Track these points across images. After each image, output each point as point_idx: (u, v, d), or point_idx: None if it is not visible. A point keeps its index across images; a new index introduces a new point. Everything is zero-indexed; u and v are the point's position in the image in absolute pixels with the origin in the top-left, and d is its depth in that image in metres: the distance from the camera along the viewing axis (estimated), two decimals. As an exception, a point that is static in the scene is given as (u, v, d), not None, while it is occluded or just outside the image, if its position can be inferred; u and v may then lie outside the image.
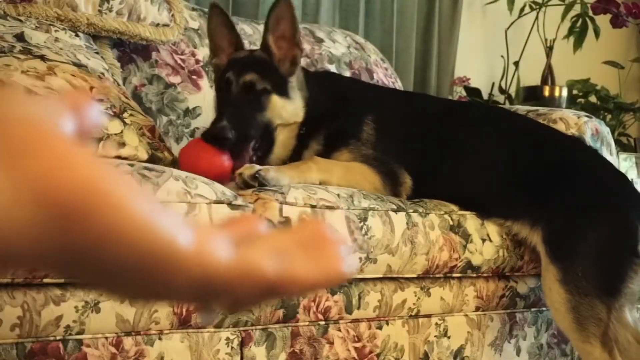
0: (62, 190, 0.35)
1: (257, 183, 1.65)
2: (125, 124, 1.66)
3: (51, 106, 0.38)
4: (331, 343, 1.69)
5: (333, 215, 1.65)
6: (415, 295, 1.82)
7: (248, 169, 1.67)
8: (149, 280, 0.40)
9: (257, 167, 1.67)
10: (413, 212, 1.79)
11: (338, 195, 1.70)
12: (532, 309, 2.04)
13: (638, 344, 1.92)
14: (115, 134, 1.63)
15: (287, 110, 1.84)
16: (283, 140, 1.85)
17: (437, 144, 1.98)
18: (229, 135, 1.70)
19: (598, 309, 1.78)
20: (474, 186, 1.94)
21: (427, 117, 2.05)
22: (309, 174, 1.75)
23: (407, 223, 1.76)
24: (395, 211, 1.76)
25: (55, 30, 1.84)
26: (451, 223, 1.85)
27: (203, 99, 2.21)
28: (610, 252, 1.84)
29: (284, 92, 1.84)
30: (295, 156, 1.88)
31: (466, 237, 1.86)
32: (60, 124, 0.38)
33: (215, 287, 0.43)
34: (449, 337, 1.88)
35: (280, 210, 1.59)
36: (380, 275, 1.74)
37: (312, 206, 1.63)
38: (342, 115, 1.93)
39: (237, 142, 1.72)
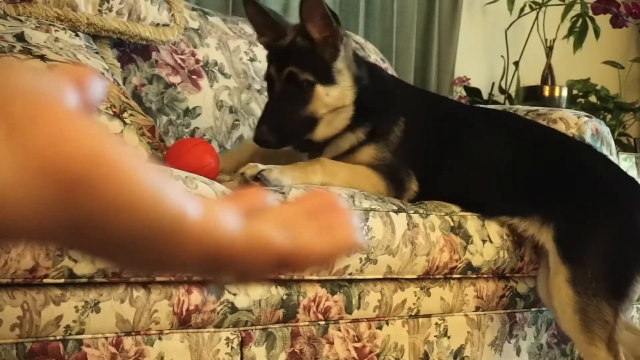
0: (67, 161, 0.35)
1: (259, 183, 1.64)
2: (125, 123, 1.66)
3: (54, 80, 0.38)
4: (331, 343, 1.69)
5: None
6: (415, 295, 1.82)
7: (250, 169, 1.66)
8: (156, 251, 0.40)
9: (260, 166, 1.66)
10: (414, 213, 1.79)
11: (339, 195, 1.69)
12: (532, 309, 2.04)
13: (635, 336, 1.92)
14: (115, 134, 1.63)
15: (333, 96, 1.81)
16: (327, 123, 1.82)
17: (449, 142, 1.97)
18: (269, 139, 1.73)
19: (605, 311, 1.78)
20: (482, 184, 1.93)
21: (444, 119, 2.03)
22: (313, 177, 1.74)
23: (407, 224, 1.76)
24: (396, 212, 1.76)
25: (55, 30, 1.84)
26: (452, 224, 1.85)
27: (203, 99, 2.21)
28: (620, 255, 1.85)
29: (328, 79, 1.81)
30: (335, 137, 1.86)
31: (467, 238, 1.86)
32: (64, 97, 0.38)
33: (224, 259, 0.42)
34: (449, 337, 1.88)
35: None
36: (380, 276, 1.74)
37: (312, 206, 1.63)
38: (383, 110, 1.91)
39: (279, 141, 1.76)
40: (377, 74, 1.99)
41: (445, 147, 1.96)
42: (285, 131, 1.76)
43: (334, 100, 1.81)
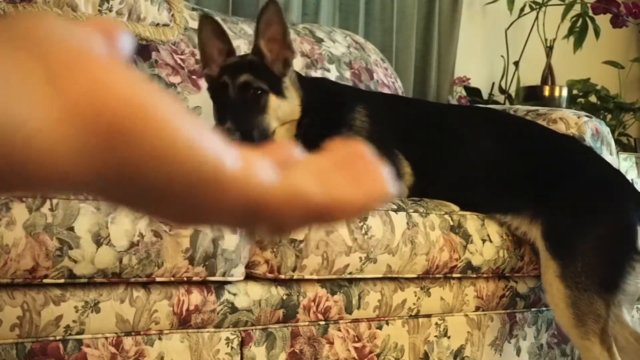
0: (105, 109, 0.35)
1: None
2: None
3: (85, 31, 0.38)
4: (331, 343, 1.69)
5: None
6: (415, 295, 1.82)
7: None
8: (194, 201, 0.40)
9: None
10: (413, 212, 1.79)
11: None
12: (532, 309, 2.04)
13: (637, 343, 1.93)
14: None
15: (284, 109, 1.85)
16: (281, 136, 1.86)
17: (438, 139, 2.00)
18: (236, 137, 1.72)
19: (597, 304, 1.79)
20: (474, 181, 1.96)
21: (427, 114, 2.08)
22: None
23: (407, 223, 1.76)
24: (396, 211, 1.76)
25: (55, 30, 1.84)
26: (451, 223, 1.85)
27: (203, 99, 2.21)
28: (610, 248, 1.86)
29: (279, 92, 1.85)
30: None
31: (466, 237, 1.86)
32: (98, 47, 0.38)
33: (261, 210, 0.42)
34: (449, 337, 1.88)
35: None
36: (380, 275, 1.74)
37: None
38: (333, 108, 1.94)
39: (241, 144, 1.73)
40: (321, 84, 2.07)
41: (432, 144, 1.99)
42: (248, 133, 1.77)
43: (284, 114, 1.85)
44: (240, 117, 1.77)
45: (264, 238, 1.53)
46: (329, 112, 1.93)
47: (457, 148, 2.00)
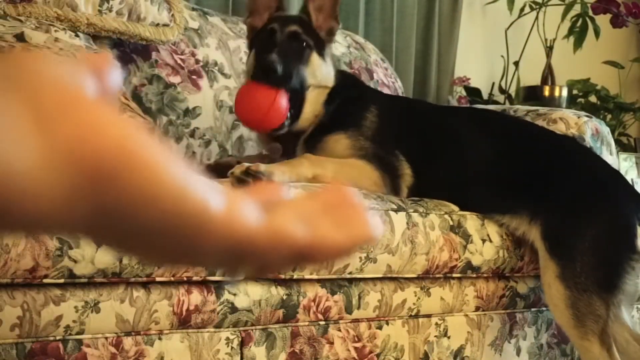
0: (95, 153, 0.35)
1: (251, 178, 1.64)
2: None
3: (75, 69, 0.38)
4: (331, 343, 1.69)
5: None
6: (415, 295, 1.82)
7: (239, 167, 1.67)
8: (180, 243, 0.40)
9: (246, 164, 1.67)
10: (413, 212, 1.79)
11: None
12: (532, 309, 2.04)
13: (636, 343, 1.93)
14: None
15: (322, 71, 1.90)
16: (311, 101, 1.89)
17: (438, 140, 2.01)
18: (279, 68, 1.75)
19: (597, 305, 1.79)
20: (474, 182, 1.96)
21: (429, 115, 2.08)
22: (300, 169, 1.75)
23: (407, 223, 1.76)
24: (396, 211, 1.76)
25: (55, 31, 1.84)
26: (451, 223, 1.85)
27: (203, 99, 2.21)
28: (609, 248, 1.86)
29: (322, 54, 1.90)
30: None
31: (466, 237, 1.86)
32: (88, 86, 0.38)
33: (245, 251, 0.42)
34: (449, 337, 1.88)
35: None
36: (380, 275, 1.74)
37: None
38: (351, 101, 1.97)
39: (282, 80, 1.77)
40: (349, 76, 2.13)
41: (432, 145, 1.99)
42: (290, 73, 1.80)
43: (322, 75, 1.90)
44: (285, 58, 1.80)
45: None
46: (347, 103, 1.95)
47: (457, 149, 2.00)
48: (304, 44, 1.86)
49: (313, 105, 1.89)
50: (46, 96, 0.35)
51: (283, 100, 1.77)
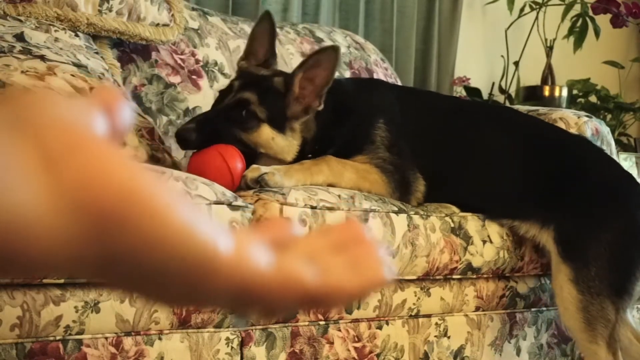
0: (102, 196, 0.35)
1: (259, 185, 1.63)
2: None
3: (83, 107, 0.38)
4: (331, 343, 1.69)
5: (333, 217, 1.65)
6: (415, 295, 1.82)
7: (252, 171, 1.64)
8: (187, 285, 0.40)
9: (263, 169, 1.64)
10: (414, 214, 1.79)
11: (339, 196, 1.69)
12: (532, 309, 2.04)
13: (638, 343, 1.93)
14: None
15: (277, 144, 1.74)
16: (270, 158, 1.75)
17: (449, 146, 1.95)
18: (191, 137, 1.66)
19: (608, 309, 1.79)
20: (483, 187, 1.92)
21: (440, 118, 2.00)
22: (318, 177, 1.71)
23: (408, 225, 1.76)
24: (397, 213, 1.76)
25: (55, 30, 1.84)
26: (452, 225, 1.85)
27: (203, 99, 2.21)
28: (622, 253, 1.85)
29: (279, 127, 1.74)
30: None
31: (467, 239, 1.86)
32: (94, 126, 0.37)
33: (253, 295, 0.42)
34: (449, 337, 1.88)
35: (281, 211, 1.59)
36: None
37: (313, 207, 1.63)
38: (351, 124, 1.85)
39: (199, 144, 1.66)
40: (333, 96, 1.82)
41: (444, 148, 1.95)
42: (211, 140, 1.66)
43: (277, 147, 1.74)
44: (216, 125, 1.69)
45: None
46: (354, 126, 1.85)
47: (468, 153, 1.95)
48: (253, 115, 1.71)
49: (271, 160, 1.74)
50: (53, 137, 0.35)
51: (235, 162, 1.64)
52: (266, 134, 1.73)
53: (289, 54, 2.46)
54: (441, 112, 2.02)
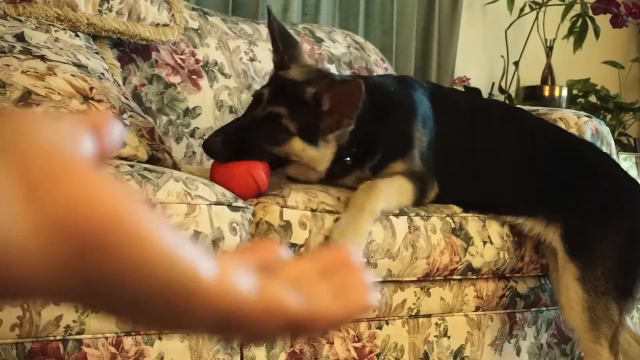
0: (85, 222, 0.35)
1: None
2: (124, 125, 1.66)
3: (70, 128, 0.37)
4: (331, 343, 1.69)
5: (333, 220, 1.65)
6: (415, 295, 1.82)
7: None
8: (169, 311, 0.40)
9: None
10: (415, 215, 1.79)
11: (338, 198, 1.69)
12: (532, 309, 2.04)
13: (637, 345, 1.93)
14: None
15: (309, 154, 1.70)
16: (304, 167, 1.73)
17: (459, 144, 1.93)
18: (220, 150, 1.63)
19: (613, 310, 1.79)
20: (490, 184, 1.91)
21: (455, 117, 1.97)
22: (377, 208, 1.66)
23: (408, 227, 1.76)
24: (397, 215, 1.75)
25: (55, 30, 1.84)
26: (453, 226, 1.84)
27: (203, 99, 2.21)
28: (628, 254, 1.86)
29: (311, 140, 1.69)
30: (342, 171, 1.76)
31: (467, 239, 1.85)
32: (80, 148, 0.37)
33: (236, 320, 0.42)
34: (449, 337, 1.88)
35: (281, 213, 1.59)
36: (380, 279, 1.74)
37: (313, 210, 1.63)
38: (391, 126, 1.81)
39: (227, 157, 1.63)
40: (380, 90, 1.82)
41: (454, 147, 1.93)
42: (239, 152, 1.63)
43: (308, 158, 1.70)
44: (245, 139, 1.65)
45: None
46: (393, 126, 1.80)
47: (474, 152, 1.93)
48: (285, 129, 1.67)
49: (304, 170, 1.73)
50: (37, 162, 0.34)
51: (259, 173, 1.63)
52: (297, 146, 1.68)
53: (289, 54, 2.46)
54: (456, 110, 1.99)
